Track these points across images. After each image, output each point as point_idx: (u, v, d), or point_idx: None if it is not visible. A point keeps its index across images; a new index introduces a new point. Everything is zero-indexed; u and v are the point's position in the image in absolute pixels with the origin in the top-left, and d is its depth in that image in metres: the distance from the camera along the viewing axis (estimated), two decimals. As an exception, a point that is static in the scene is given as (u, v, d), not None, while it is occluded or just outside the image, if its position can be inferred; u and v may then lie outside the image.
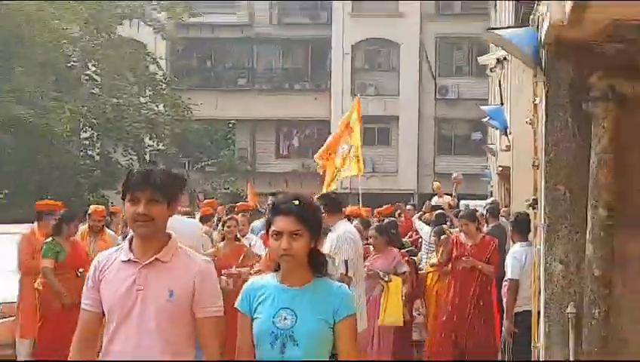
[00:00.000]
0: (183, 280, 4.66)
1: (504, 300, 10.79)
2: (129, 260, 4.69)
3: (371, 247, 11.97)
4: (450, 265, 12.07)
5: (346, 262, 9.46)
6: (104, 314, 4.73)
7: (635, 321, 6.83)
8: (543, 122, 7.18)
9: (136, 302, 4.62)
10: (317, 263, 4.66)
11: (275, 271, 4.68)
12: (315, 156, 17.40)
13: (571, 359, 6.81)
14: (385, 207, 19.13)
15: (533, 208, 8.62)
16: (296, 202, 4.61)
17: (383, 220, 14.86)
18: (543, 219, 7.20)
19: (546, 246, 7.02)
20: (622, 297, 6.76)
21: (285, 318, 4.50)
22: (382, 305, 11.52)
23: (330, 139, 17.32)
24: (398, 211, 20.46)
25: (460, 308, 11.76)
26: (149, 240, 4.70)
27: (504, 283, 10.70)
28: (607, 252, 6.53)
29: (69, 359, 4.81)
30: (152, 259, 4.67)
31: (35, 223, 12.06)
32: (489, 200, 21.22)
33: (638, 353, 6.83)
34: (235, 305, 4.73)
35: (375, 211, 18.64)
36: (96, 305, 4.73)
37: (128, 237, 4.81)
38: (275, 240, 4.54)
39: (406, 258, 12.64)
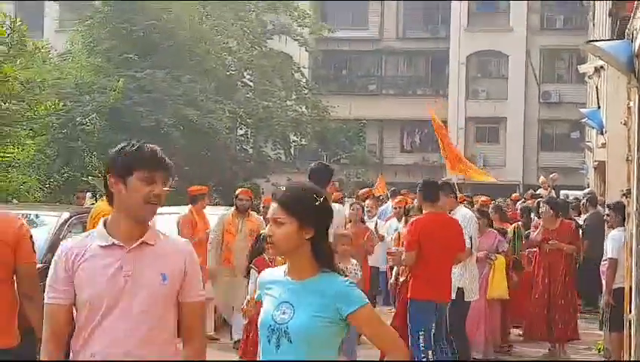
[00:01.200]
0: (174, 263, 3.79)
1: (602, 277, 10.52)
2: (112, 244, 3.73)
3: None
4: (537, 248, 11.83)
5: (471, 238, 9.46)
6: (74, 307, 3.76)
7: None
8: (636, 123, 7.01)
9: (124, 288, 3.69)
10: (320, 257, 3.72)
11: None
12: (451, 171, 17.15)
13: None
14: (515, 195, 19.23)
15: (627, 197, 8.44)
16: (284, 189, 3.84)
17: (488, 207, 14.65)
18: (635, 207, 7.03)
19: (637, 229, 6.86)
20: None
21: (284, 312, 3.67)
22: (489, 281, 11.24)
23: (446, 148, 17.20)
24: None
25: (550, 286, 11.54)
26: (139, 224, 3.78)
27: (603, 262, 10.44)
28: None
29: (40, 359, 3.81)
30: (139, 242, 3.75)
31: (190, 205, 12.35)
32: (587, 191, 20.84)
33: None
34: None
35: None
36: (68, 296, 3.72)
37: (102, 220, 3.84)
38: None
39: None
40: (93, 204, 14.57)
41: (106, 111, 22.60)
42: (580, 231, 15.60)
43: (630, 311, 7.53)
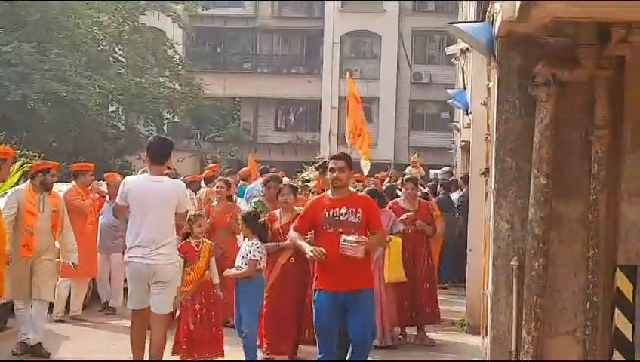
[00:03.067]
0: None
1: None
2: None
3: None
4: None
5: None
6: None
7: (568, 272, 6.87)
8: (495, 103, 7.19)
9: None
10: None
11: None
12: (349, 142, 17.95)
13: (514, 304, 6.84)
14: (383, 173, 19.15)
15: (485, 176, 8.64)
16: None
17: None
18: (492, 186, 7.21)
19: (494, 208, 7.04)
20: (557, 252, 6.80)
21: None
22: (385, 264, 10.32)
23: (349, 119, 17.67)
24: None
25: (413, 269, 10.87)
26: None
27: None
28: (546, 214, 6.56)
29: None
30: None
31: (74, 181, 11.78)
32: (444, 170, 21.55)
33: (571, 299, 6.88)
34: None
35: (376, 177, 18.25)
36: None
37: None
38: None
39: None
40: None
41: (-30, 85, 21.83)
42: (457, 208, 15.99)
43: (487, 287, 7.74)
